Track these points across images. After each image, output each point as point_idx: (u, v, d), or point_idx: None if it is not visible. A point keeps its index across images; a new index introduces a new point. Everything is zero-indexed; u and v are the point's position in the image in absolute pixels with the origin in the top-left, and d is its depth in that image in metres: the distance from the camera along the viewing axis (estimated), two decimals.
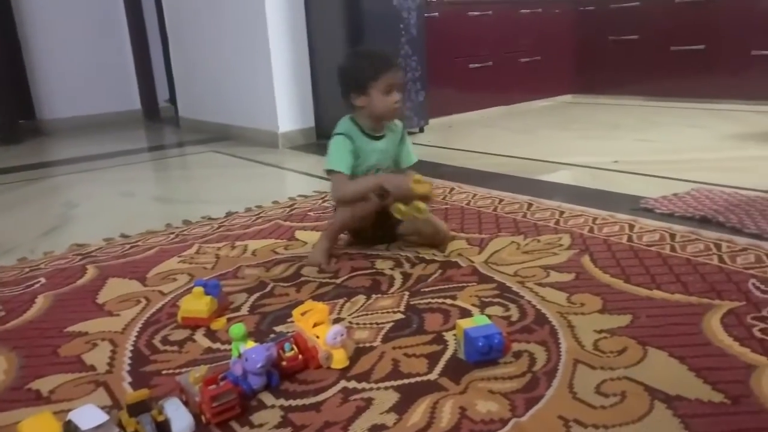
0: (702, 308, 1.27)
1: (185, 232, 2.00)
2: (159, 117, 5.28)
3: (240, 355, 1.06)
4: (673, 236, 1.70)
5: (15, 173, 3.18)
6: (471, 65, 4.21)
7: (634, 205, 2.03)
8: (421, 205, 1.55)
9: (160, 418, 0.95)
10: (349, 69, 1.66)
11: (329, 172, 1.65)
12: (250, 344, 1.08)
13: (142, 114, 5.30)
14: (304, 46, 3.54)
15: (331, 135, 1.68)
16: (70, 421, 0.92)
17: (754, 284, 1.37)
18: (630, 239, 1.70)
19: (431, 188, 1.59)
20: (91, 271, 1.69)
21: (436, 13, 3.88)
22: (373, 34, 3.32)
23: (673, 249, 1.61)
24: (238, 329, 1.12)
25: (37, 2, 4.66)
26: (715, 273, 1.44)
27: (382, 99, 1.61)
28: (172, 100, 4.92)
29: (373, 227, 1.73)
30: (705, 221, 1.83)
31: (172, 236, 1.96)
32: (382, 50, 1.73)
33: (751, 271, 1.44)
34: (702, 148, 2.95)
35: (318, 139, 3.60)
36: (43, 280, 1.64)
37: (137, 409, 0.95)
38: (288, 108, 3.55)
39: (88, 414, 0.93)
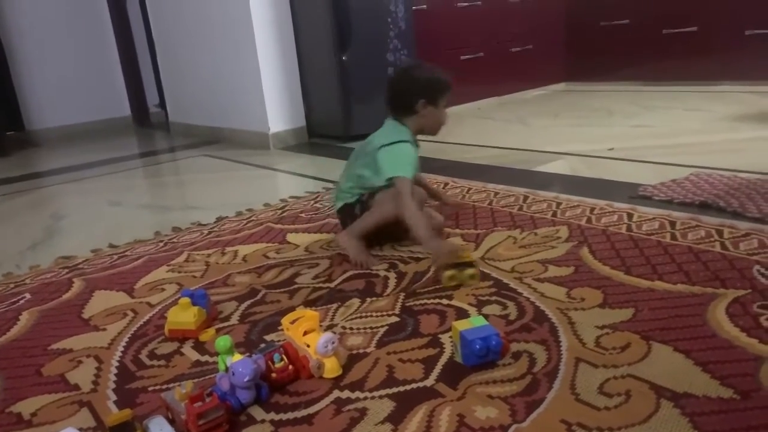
0: (706, 298, 1.23)
1: (174, 240, 1.95)
2: (149, 122, 5.23)
3: (227, 369, 1.02)
4: (673, 224, 1.66)
5: (0, 186, 3.12)
6: (462, 57, 4.16)
7: (632, 192, 1.99)
8: (473, 271, 1.41)
9: None
10: (430, 79, 1.66)
11: (392, 178, 1.59)
12: (237, 357, 1.04)
13: (132, 120, 5.25)
14: (291, 43, 3.49)
15: (392, 141, 1.62)
16: None
17: (758, 270, 1.32)
18: (629, 229, 1.66)
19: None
20: (77, 284, 1.64)
21: (425, 5, 3.83)
22: (361, 29, 3.26)
23: (673, 237, 1.57)
24: (223, 342, 1.08)
25: (21, 11, 4.60)
26: (718, 260, 1.40)
27: (443, 113, 1.67)
28: (162, 104, 4.87)
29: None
30: (705, 207, 1.79)
31: (160, 245, 1.92)
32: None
33: (755, 257, 1.39)
34: (698, 132, 2.90)
35: (309, 138, 3.55)
36: (28, 295, 1.59)
37: (120, 430, 0.91)
38: (278, 108, 3.49)
39: None
